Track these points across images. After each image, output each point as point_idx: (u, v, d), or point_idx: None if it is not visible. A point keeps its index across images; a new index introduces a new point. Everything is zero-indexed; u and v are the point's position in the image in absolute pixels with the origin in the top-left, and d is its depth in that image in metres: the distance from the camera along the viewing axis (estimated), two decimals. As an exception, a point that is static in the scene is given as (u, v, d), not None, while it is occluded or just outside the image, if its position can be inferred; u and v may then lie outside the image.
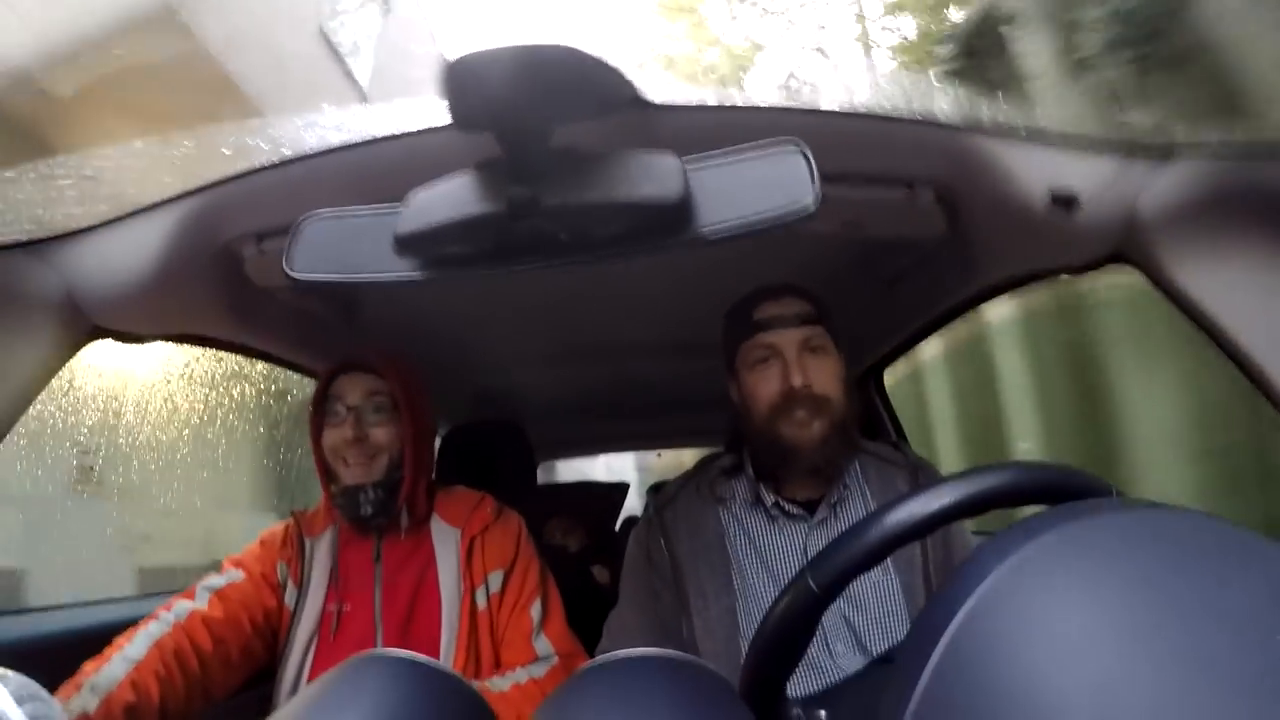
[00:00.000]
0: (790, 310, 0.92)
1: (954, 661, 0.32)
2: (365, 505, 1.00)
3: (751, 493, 0.95)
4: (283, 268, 0.52)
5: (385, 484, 1.02)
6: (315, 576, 1.05)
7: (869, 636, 0.83)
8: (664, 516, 0.98)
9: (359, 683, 0.50)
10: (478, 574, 1.04)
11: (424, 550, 1.06)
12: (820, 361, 0.90)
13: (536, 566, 1.08)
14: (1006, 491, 0.46)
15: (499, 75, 0.43)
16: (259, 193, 0.81)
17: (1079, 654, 0.29)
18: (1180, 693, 0.26)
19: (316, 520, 1.10)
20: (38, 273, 0.80)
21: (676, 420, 2.24)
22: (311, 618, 1.02)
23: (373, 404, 1.02)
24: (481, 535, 1.06)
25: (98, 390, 1.73)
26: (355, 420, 1.01)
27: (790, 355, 0.89)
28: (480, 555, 1.05)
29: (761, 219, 0.47)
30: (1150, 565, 0.32)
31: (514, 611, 1.04)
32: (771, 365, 0.90)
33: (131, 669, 0.80)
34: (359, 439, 1.00)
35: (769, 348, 0.91)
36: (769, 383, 0.90)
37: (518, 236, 0.50)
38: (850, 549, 0.45)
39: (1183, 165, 0.70)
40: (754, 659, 0.50)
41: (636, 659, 0.52)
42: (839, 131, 0.77)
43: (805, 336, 0.90)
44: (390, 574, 1.04)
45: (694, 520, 0.95)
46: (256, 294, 1.00)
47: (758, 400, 0.91)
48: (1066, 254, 0.83)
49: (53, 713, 0.54)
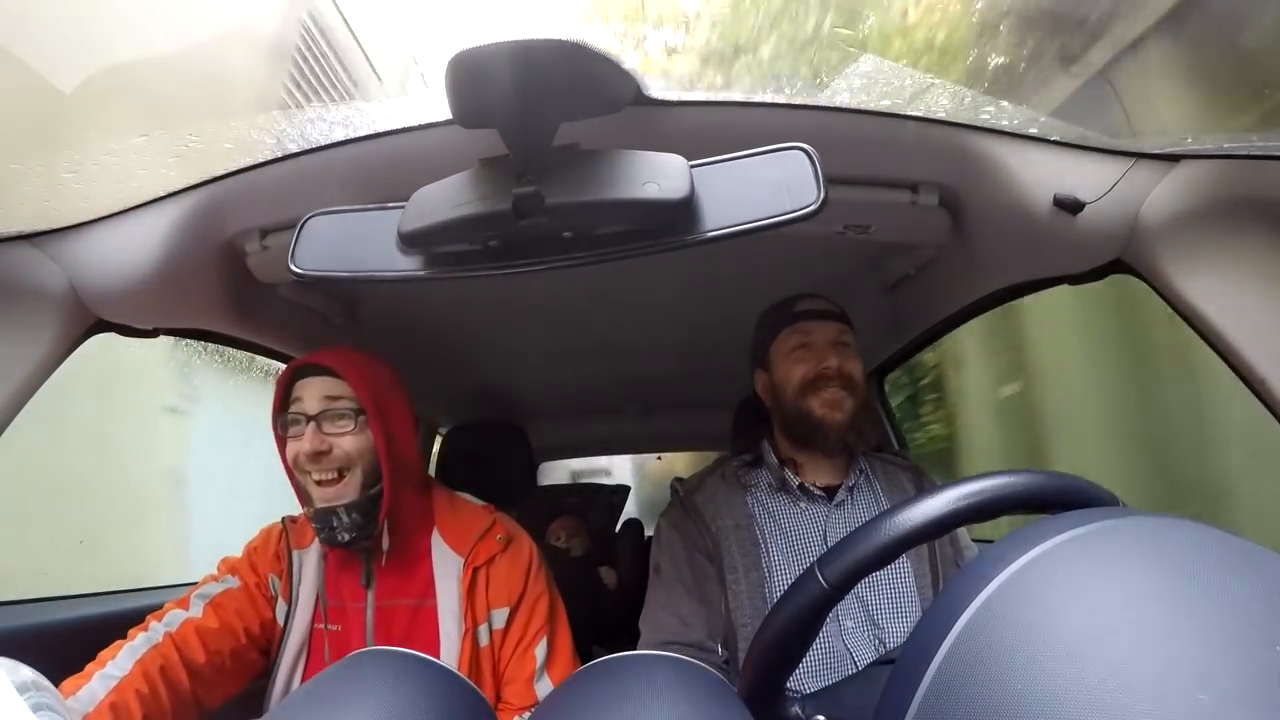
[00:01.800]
0: (828, 307, 1.04)
1: (956, 665, 0.32)
2: (340, 531, 0.90)
3: (776, 479, 1.03)
4: (286, 264, 0.52)
5: (360, 504, 0.91)
6: (304, 593, 0.98)
7: (883, 618, 0.91)
8: (695, 500, 1.04)
9: (361, 678, 0.50)
10: (480, 610, 0.96)
11: (422, 575, 0.97)
12: (849, 356, 1.01)
13: (545, 602, 1.00)
14: (1013, 498, 0.47)
15: (501, 71, 0.43)
16: (262, 188, 0.81)
17: (1080, 661, 0.29)
18: (1180, 700, 0.26)
19: (306, 530, 1.01)
20: (40, 265, 0.80)
21: (678, 422, 2.23)
22: (300, 634, 0.96)
23: (334, 410, 0.91)
24: (486, 568, 0.97)
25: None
26: (315, 429, 0.89)
27: (825, 343, 1.01)
28: (484, 590, 0.96)
29: (766, 220, 0.47)
30: (1152, 574, 0.32)
31: (517, 651, 0.96)
32: (808, 350, 1.01)
33: (112, 688, 0.76)
34: (319, 452, 0.89)
35: (807, 334, 1.02)
36: (804, 364, 1.00)
37: (522, 235, 0.50)
38: (861, 547, 0.46)
39: (1187, 171, 0.70)
40: (760, 651, 0.50)
41: (636, 659, 0.52)
42: (844, 130, 0.77)
43: (839, 330, 1.02)
44: (384, 597, 0.96)
45: (724, 503, 1.02)
46: (259, 289, 1.00)
47: (791, 380, 1.01)
48: (1069, 260, 0.83)
49: (54, 702, 0.54)
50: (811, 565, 0.48)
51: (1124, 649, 0.29)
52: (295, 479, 0.94)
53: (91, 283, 0.82)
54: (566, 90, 0.47)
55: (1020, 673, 0.29)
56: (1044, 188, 0.75)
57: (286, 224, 0.82)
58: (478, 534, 0.99)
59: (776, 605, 0.50)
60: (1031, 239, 0.81)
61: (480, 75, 0.44)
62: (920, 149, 0.79)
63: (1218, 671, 0.27)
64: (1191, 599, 0.30)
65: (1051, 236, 0.78)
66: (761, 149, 0.48)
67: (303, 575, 0.99)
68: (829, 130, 0.76)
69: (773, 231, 0.47)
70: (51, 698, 0.55)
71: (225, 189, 0.81)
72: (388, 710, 0.47)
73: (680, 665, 0.51)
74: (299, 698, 0.50)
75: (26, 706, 0.50)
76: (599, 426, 2.29)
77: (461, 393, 1.84)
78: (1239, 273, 0.69)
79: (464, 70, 0.43)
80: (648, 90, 0.63)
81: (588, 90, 0.48)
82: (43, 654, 0.60)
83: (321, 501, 0.90)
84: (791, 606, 0.48)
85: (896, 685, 0.35)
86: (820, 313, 1.03)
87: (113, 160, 0.80)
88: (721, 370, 1.71)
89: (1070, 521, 0.37)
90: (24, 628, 0.97)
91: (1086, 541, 0.35)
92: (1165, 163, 0.72)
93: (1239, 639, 0.28)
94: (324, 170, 0.78)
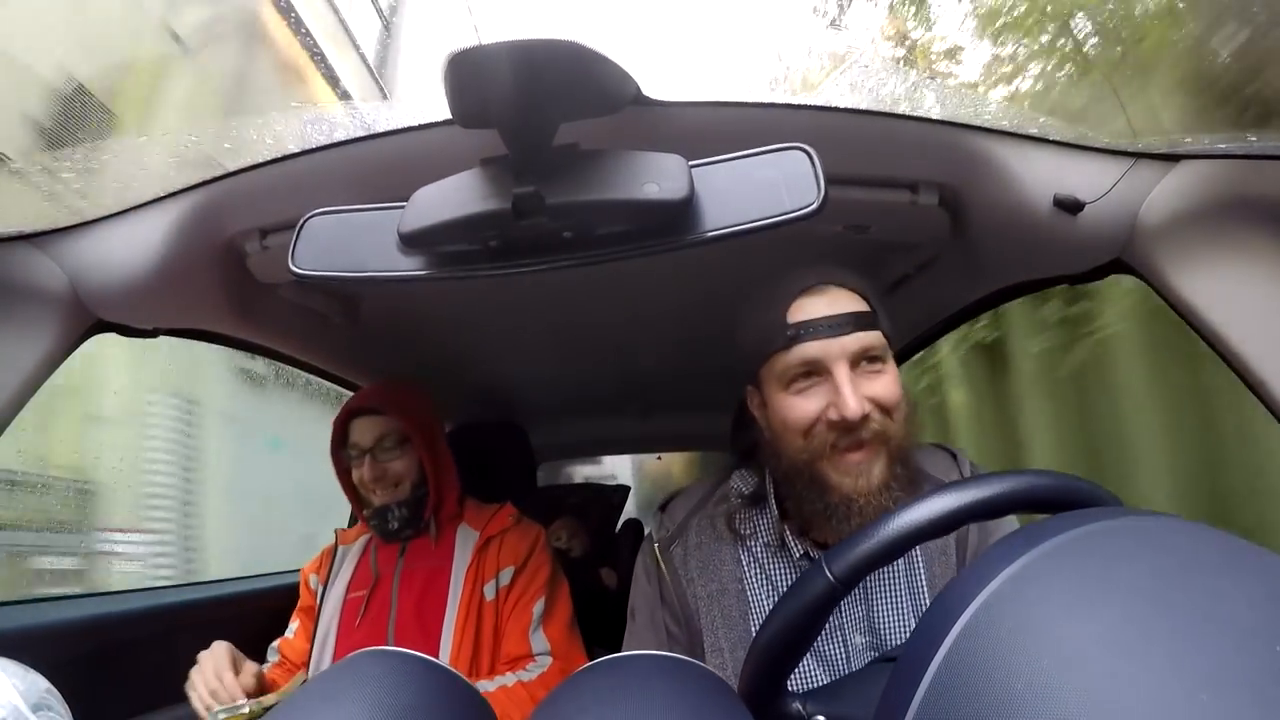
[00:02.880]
0: (838, 310, 0.71)
1: (957, 665, 0.32)
2: (393, 521, 1.15)
3: (775, 534, 0.79)
4: (287, 264, 0.52)
5: (410, 501, 1.17)
6: (342, 571, 1.21)
7: (887, 629, 0.75)
8: (672, 554, 0.83)
9: (360, 678, 0.50)
10: (489, 568, 1.15)
11: (445, 548, 1.19)
12: (878, 379, 0.70)
13: (548, 571, 1.18)
14: (1015, 498, 0.48)
15: (501, 71, 0.43)
16: (262, 188, 0.81)
17: (1080, 660, 0.29)
18: (1180, 701, 0.26)
19: (352, 532, 1.27)
20: (41, 265, 0.80)
21: (678, 422, 2.23)
22: (334, 605, 1.17)
23: (385, 444, 1.16)
24: (500, 537, 1.18)
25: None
26: (371, 460, 1.15)
27: (841, 374, 0.68)
28: (495, 553, 1.16)
29: (766, 220, 0.47)
30: (1152, 574, 0.32)
31: (517, 605, 1.13)
32: (814, 387, 0.70)
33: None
34: (378, 476, 1.15)
35: (810, 364, 0.70)
36: (808, 409, 0.70)
37: (522, 235, 0.50)
38: (870, 542, 0.47)
39: (1187, 171, 0.70)
40: (764, 645, 0.50)
41: (636, 659, 0.52)
42: (844, 130, 0.77)
43: (861, 346, 0.70)
44: (409, 567, 1.17)
45: (707, 560, 0.80)
46: (259, 289, 1.00)
47: (791, 432, 0.71)
48: (1069, 260, 0.83)
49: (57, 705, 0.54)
50: (819, 560, 0.49)
51: (1124, 649, 0.29)
52: (353, 493, 1.20)
53: (91, 283, 0.82)
54: (566, 90, 0.47)
55: (1020, 673, 0.29)
56: (1044, 188, 0.75)
57: (286, 224, 0.82)
58: (492, 513, 1.22)
59: (782, 600, 0.50)
60: (1031, 239, 0.81)
61: (480, 75, 0.44)
62: (920, 149, 0.79)
63: (1218, 671, 0.27)
64: (1191, 598, 0.30)
65: (1051, 237, 0.78)
66: (761, 149, 0.48)
67: (344, 562, 1.22)
68: (828, 130, 0.76)
69: (772, 231, 0.47)
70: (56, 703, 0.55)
71: (225, 189, 0.81)
72: (388, 710, 0.47)
73: (680, 665, 0.51)
74: (300, 697, 0.50)
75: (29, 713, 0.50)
76: (599, 427, 2.29)
77: (461, 393, 1.84)
78: (1239, 273, 0.69)
79: (463, 70, 0.43)
80: (646, 91, 0.63)
81: (588, 90, 0.48)
82: (43, 654, 0.60)
83: (379, 501, 1.15)
84: (797, 601, 0.49)
85: (897, 684, 0.35)
86: (830, 324, 0.70)
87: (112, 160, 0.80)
88: (721, 370, 1.70)
89: (1070, 522, 0.37)
90: (24, 628, 0.97)
91: (1087, 541, 0.35)
92: (1165, 163, 0.72)
93: (1239, 638, 0.28)
94: (324, 170, 0.78)
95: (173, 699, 1.13)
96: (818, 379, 0.70)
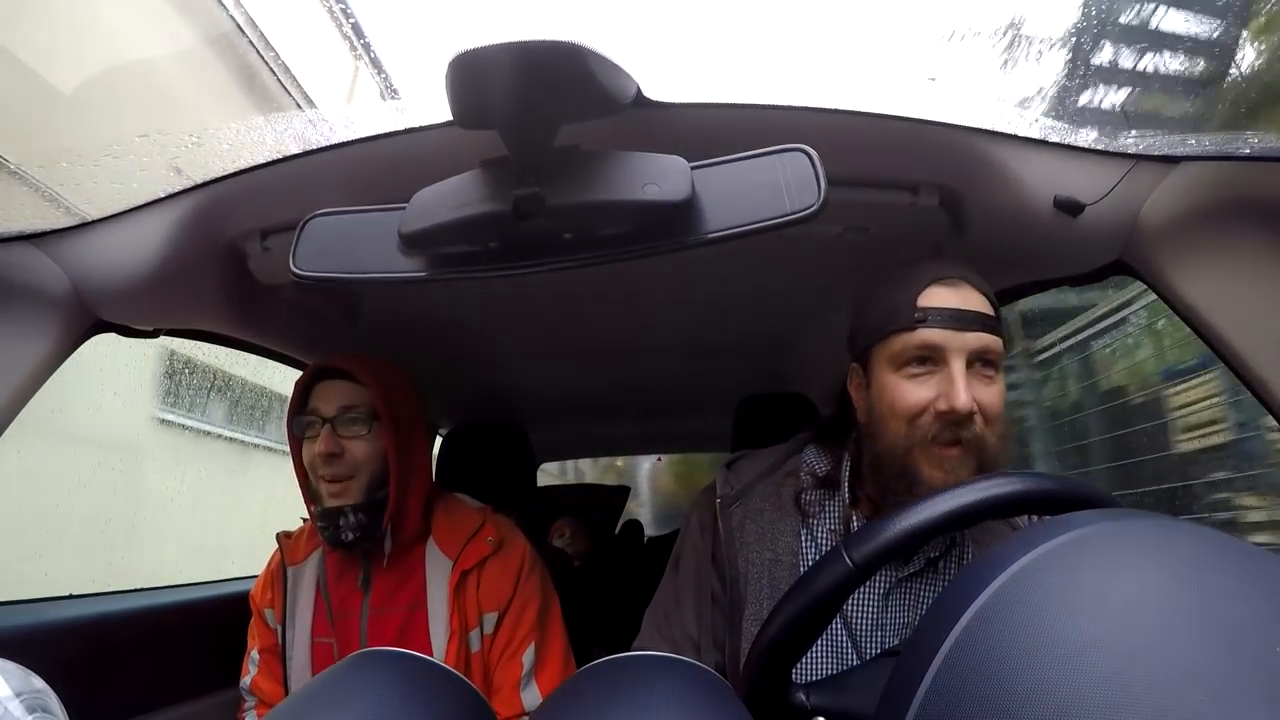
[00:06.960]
0: (969, 306, 0.70)
1: (959, 664, 0.32)
2: (345, 530, 0.93)
3: (842, 520, 0.78)
4: (288, 265, 0.52)
5: (365, 506, 0.94)
6: (300, 608, 1.00)
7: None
8: (731, 514, 0.81)
9: (360, 678, 0.50)
10: (471, 614, 0.97)
11: (415, 580, 0.98)
12: (989, 386, 0.70)
13: (535, 606, 1.00)
14: (1018, 499, 0.49)
15: (501, 72, 0.43)
16: (263, 189, 0.81)
17: (1082, 661, 0.29)
18: (1181, 700, 0.26)
19: (300, 544, 1.04)
20: (41, 265, 0.80)
21: (678, 423, 2.23)
22: (302, 650, 0.98)
23: (349, 415, 0.95)
24: (477, 571, 0.98)
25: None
26: (329, 432, 0.93)
27: (957, 367, 0.68)
28: (474, 594, 0.97)
29: (766, 221, 0.47)
30: (1153, 575, 0.32)
31: (504, 657, 0.97)
32: (928, 375, 0.70)
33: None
34: (331, 454, 0.92)
35: (930, 349, 0.70)
36: (920, 395, 0.69)
37: (522, 236, 0.50)
38: (891, 531, 0.49)
39: (1187, 172, 0.70)
40: (776, 629, 0.51)
41: (636, 659, 0.52)
42: (844, 131, 0.77)
43: (982, 346, 0.69)
44: (378, 605, 0.98)
45: (766, 528, 0.79)
46: (260, 290, 1.00)
47: (896, 417, 0.71)
48: (1070, 261, 0.83)
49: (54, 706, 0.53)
50: (838, 544, 0.50)
51: (1125, 649, 0.29)
52: (305, 480, 0.97)
53: (92, 283, 0.82)
54: (567, 91, 0.47)
55: (1022, 672, 0.30)
56: (1044, 189, 0.75)
57: (287, 225, 0.82)
58: (467, 536, 1.00)
59: (798, 582, 0.51)
60: (1032, 241, 0.81)
61: (480, 76, 0.44)
62: (920, 150, 0.79)
63: (1219, 672, 0.27)
64: (1192, 599, 0.30)
65: (1052, 238, 0.78)
66: (762, 150, 0.48)
67: (298, 594, 1.01)
68: (829, 131, 0.76)
69: (773, 233, 0.47)
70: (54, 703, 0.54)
71: (226, 190, 0.81)
72: (387, 711, 0.47)
73: (680, 666, 0.51)
74: (298, 698, 0.50)
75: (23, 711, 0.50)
76: (599, 427, 2.29)
77: (462, 394, 1.84)
78: (1239, 274, 0.69)
79: (464, 71, 0.43)
80: (647, 92, 0.63)
81: (588, 91, 0.48)
82: (43, 654, 0.60)
83: (331, 501, 0.94)
84: (815, 584, 0.49)
85: (899, 683, 0.35)
86: (959, 316, 0.69)
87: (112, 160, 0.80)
88: (722, 371, 1.71)
89: (1072, 522, 0.37)
90: (24, 627, 0.97)
91: (1088, 542, 0.36)
92: (1165, 164, 0.72)
93: (1240, 639, 0.28)
94: (324, 171, 0.78)
95: (171, 699, 1.13)
96: (932, 368, 0.70)
